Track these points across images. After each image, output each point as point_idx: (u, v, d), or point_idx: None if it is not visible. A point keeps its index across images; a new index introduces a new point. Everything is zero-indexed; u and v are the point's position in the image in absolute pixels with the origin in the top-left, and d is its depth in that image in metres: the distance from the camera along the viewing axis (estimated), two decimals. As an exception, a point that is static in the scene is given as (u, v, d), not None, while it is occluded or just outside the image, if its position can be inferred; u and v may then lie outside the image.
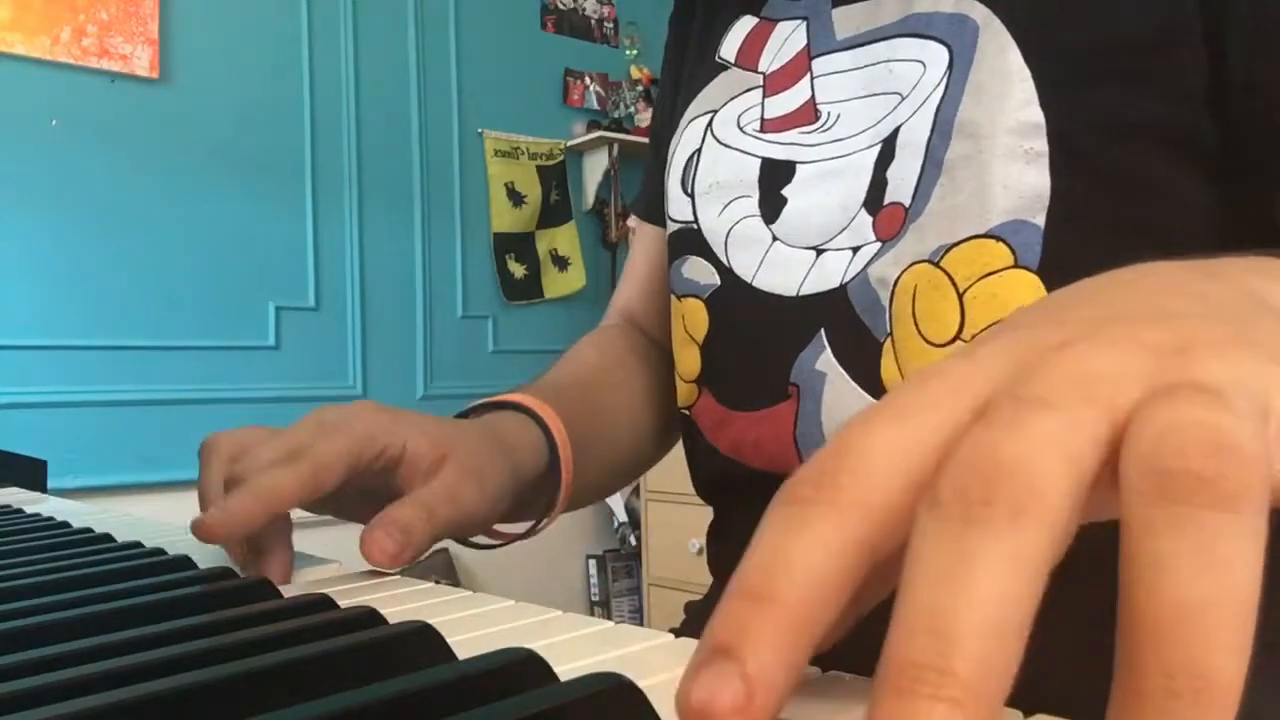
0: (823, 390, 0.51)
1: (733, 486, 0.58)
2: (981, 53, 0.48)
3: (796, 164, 0.55)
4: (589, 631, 0.29)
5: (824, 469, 0.18)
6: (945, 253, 0.47)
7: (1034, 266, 0.45)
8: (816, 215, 0.53)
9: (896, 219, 0.50)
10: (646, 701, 0.21)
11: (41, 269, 2.06)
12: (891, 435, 0.18)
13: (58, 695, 0.22)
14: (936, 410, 0.18)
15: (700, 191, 0.59)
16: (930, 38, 0.50)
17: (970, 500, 0.16)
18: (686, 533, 2.40)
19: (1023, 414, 0.17)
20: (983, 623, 0.15)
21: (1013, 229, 0.46)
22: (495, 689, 0.22)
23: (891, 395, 0.19)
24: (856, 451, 0.18)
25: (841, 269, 0.51)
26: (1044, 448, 0.16)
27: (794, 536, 0.17)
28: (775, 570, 0.17)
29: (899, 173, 0.50)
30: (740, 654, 0.16)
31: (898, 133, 0.50)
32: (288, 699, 0.21)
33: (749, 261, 0.56)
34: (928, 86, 0.49)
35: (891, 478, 0.18)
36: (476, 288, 2.71)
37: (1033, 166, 0.45)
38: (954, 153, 0.47)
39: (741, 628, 0.16)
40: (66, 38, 2.09)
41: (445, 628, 0.27)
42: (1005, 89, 0.46)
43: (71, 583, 0.36)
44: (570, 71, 2.94)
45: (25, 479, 0.85)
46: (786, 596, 0.17)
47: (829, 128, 0.54)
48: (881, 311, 0.49)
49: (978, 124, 0.47)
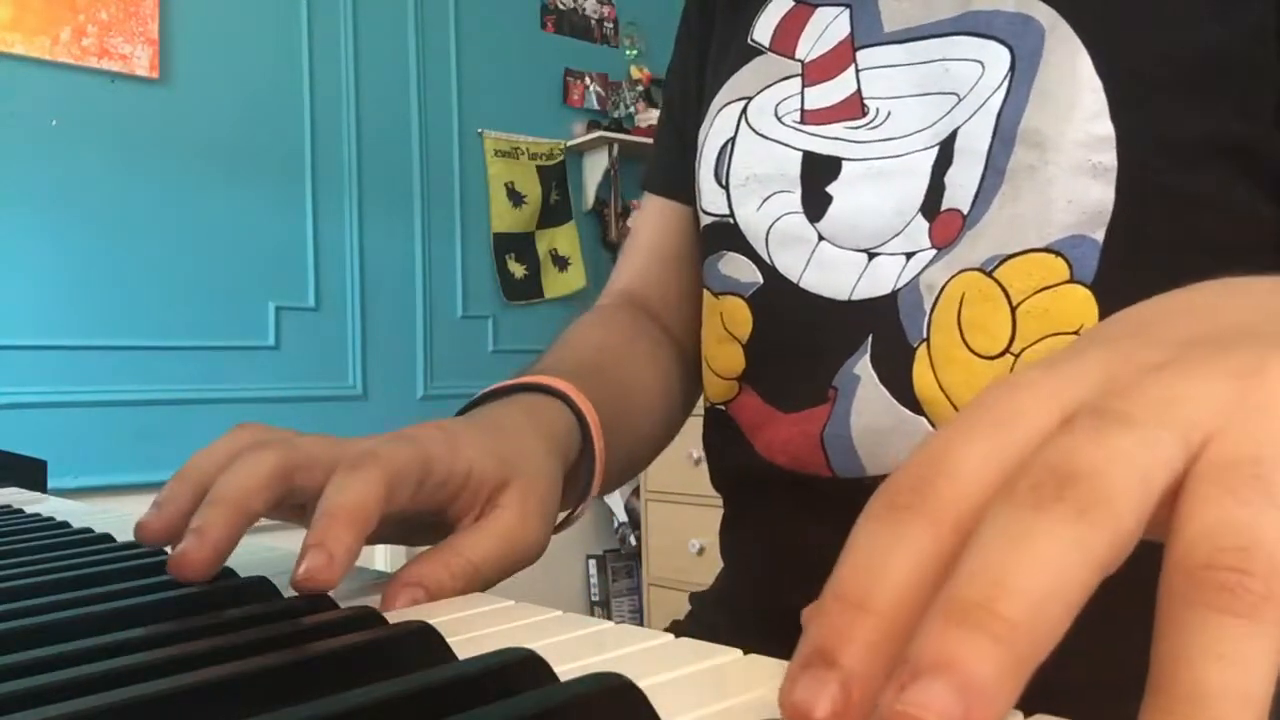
0: (855, 394, 0.50)
1: (753, 482, 0.57)
2: (1048, 58, 0.46)
3: (842, 160, 0.53)
4: (589, 631, 0.29)
5: (923, 475, 0.19)
6: (1000, 264, 0.46)
7: (1089, 281, 0.45)
8: (868, 217, 0.51)
9: (954, 226, 0.48)
10: (646, 701, 0.21)
11: (41, 269, 2.06)
12: (985, 448, 0.19)
13: (58, 695, 0.22)
14: (1029, 422, 0.19)
15: (736, 184, 0.57)
16: (990, 37, 0.48)
17: (1043, 494, 0.17)
18: (686, 533, 2.40)
19: (1105, 427, 0.18)
20: (1038, 586, 0.16)
21: (1072, 244, 0.45)
22: (495, 689, 0.22)
23: (984, 402, 0.20)
24: (953, 460, 0.19)
25: (895, 274, 0.50)
26: (1119, 461, 0.17)
27: (893, 544, 0.18)
28: (873, 578, 0.18)
29: (958, 179, 0.48)
30: (840, 660, 0.17)
31: (955, 136, 0.49)
32: (288, 699, 0.21)
33: (794, 261, 0.54)
34: (987, 89, 0.48)
35: (984, 490, 0.18)
36: (476, 288, 2.71)
37: (1099, 181, 0.44)
38: (1017, 161, 0.46)
39: (840, 633, 0.17)
40: (66, 38, 2.09)
41: (445, 628, 0.27)
42: (1074, 98, 0.45)
43: (71, 583, 0.36)
44: (570, 71, 2.94)
45: (25, 479, 0.85)
46: (884, 606, 0.17)
47: (878, 125, 0.52)
48: (921, 316, 0.48)
49: (1043, 133, 0.45)
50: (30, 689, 0.22)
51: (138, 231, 2.17)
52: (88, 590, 0.34)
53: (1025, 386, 0.20)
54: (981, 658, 0.15)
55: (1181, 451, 0.18)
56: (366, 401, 2.48)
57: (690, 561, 2.40)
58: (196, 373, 2.23)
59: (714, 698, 0.22)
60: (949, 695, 0.15)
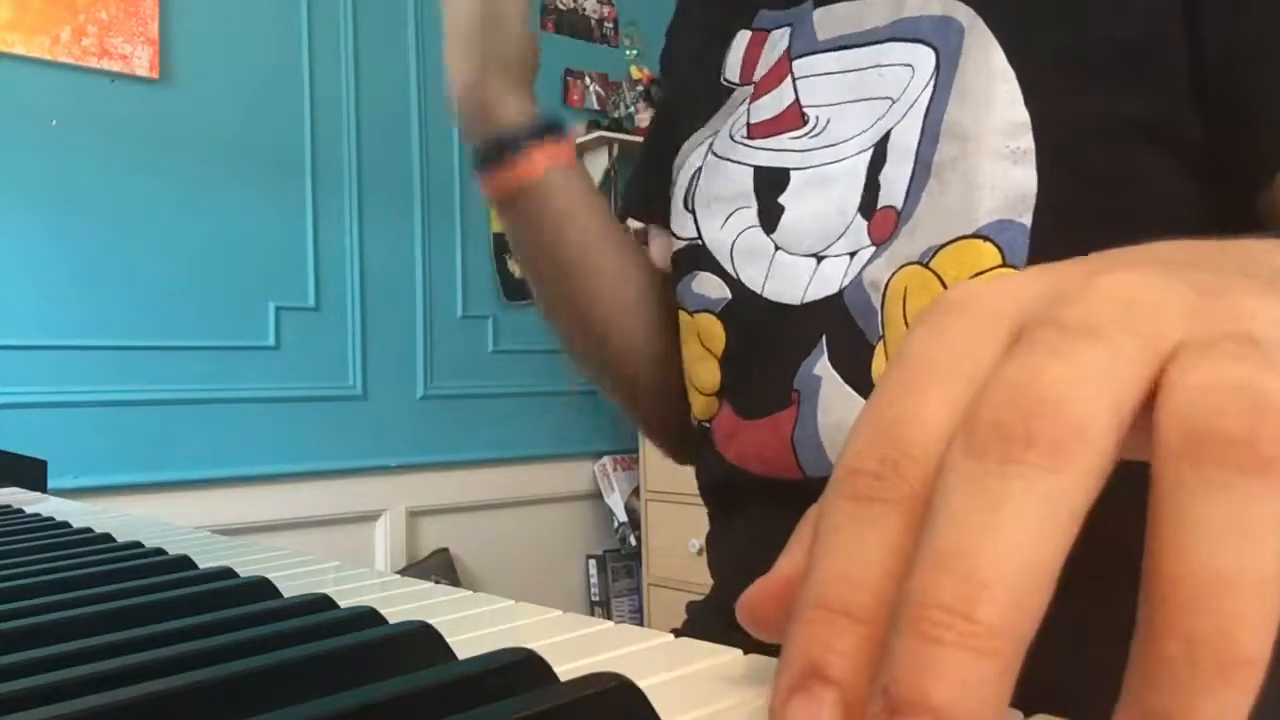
0: (819, 394, 0.51)
1: (734, 493, 0.58)
2: (967, 54, 0.48)
3: (790, 171, 0.55)
4: (589, 631, 0.29)
5: (882, 455, 0.17)
6: (934, 254, 0.47)
7: (1021, 265, 0.45)
8: (813, 222, 0.53)
9: (889, 222, 0.50)
10: (646, 701, 0.21)
11: (41, 269, 2.06)
12: (939, 398, 0.17)
13: (58, 695, 0.22)
14: (980, 353, 0.17)
15: (700, 205, 0.59)
16: (918, 41, 0.50)
17: (1010, 438, 0.15)
18: (686, 533, 2.40)
19: (1068, 341, 0.16)
20: (1013, 571, 0.14)
21: (999, 228, 0.46)
22: (495, 689, 0.22)
23: (923, 340, 0.18)
24: (909, 427, 0.17)
25: (840, 274, 0.51)
26: (1089, 380, 0.15)
27: (865, 540, 0.17)
28: (851, 581, 0.16)
29: (890, 176, 0.50)
30: (831, 673, 0.16)
31: (889, 136, 0.50)
32: (288, 699, 0.21)
33: (756, 273, 0.56)
34: (916, 89, 0.49)
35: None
36: (476, 288, 2.71)
37: (1019, 166, 0.46)
38: (942, 154, 0.47)
39: (828, 645, 0.16)
40: (66, 38, 2.09)
41: (445, 628, 0.27)
42: (990, 90, 0.46)
43: (71, 583, 0.36)
44: (570, 71, 2.94)
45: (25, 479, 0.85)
46: (869, 611, 0.16)
47: (819, 133, 0.54)
48: (874, 314, 0.49)
49: (964, 125, 0.47)
50: (30, 689, 0.22)
51: (138, 231, 2.17)
52: (88, 590, 0.34)
53: (961, 311, 0.18)
54: (965, 679, 0.14)
55: (1154, 359, 0.16)
56: (366, 401, 2.48)
57: (690, 561, 2.40)
58: (196, 373, 2.23)
59: (714, 698, 0.22)
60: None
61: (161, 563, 0.39)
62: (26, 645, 0.26)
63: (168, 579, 0.36)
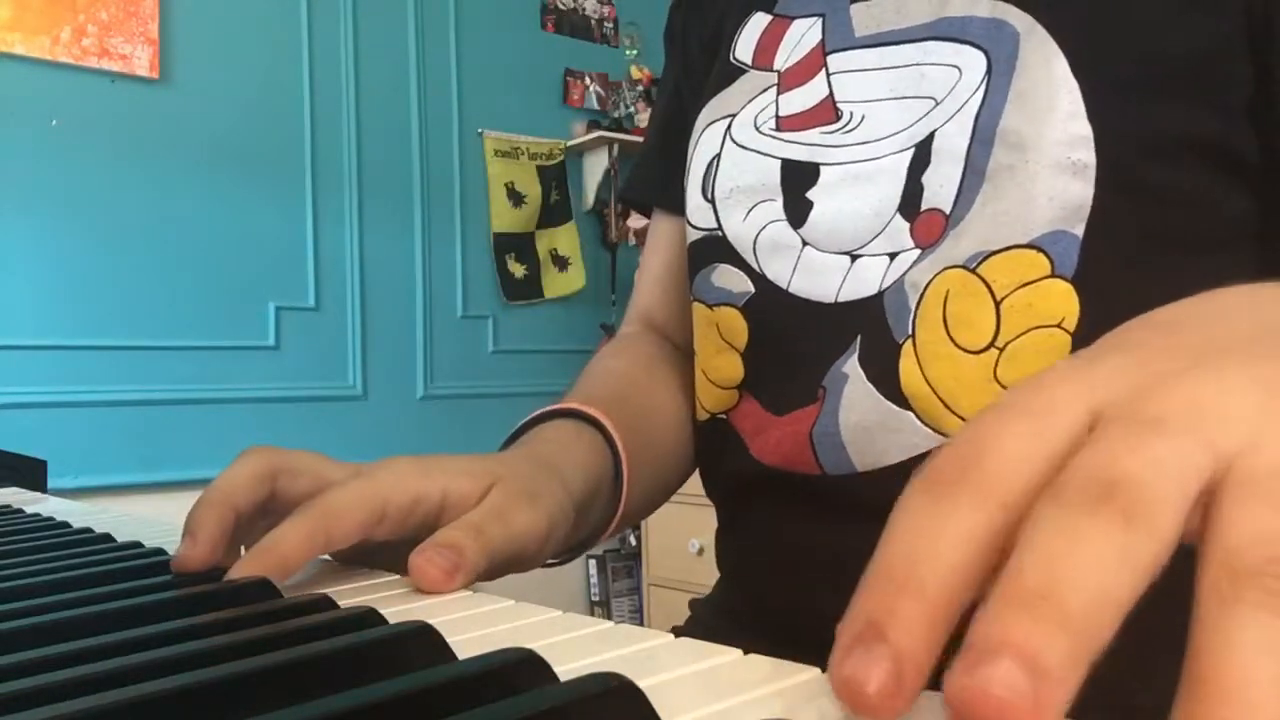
0: (843, 391, 0.51)
1: (745, 486, 0.58)
2: (1025, 61, 0.47)
3: (820, 166, 0.54)
4: (589, 631, 0.29)
5: (965, 454, 0.19)
6: (983, 260, 0.47)
7: (1069, 275, 0.45)
8: (848, 220, 0.52)
9: (936, 226, 0.49)
10: (646, 701, 0.21)
11: (41, 269, 2.06)
12: (1023, 431, 0.19)
13: (58, 695, 0.22)
14: (1062, 415, 0.20)
15: (721, 197, 0.58)
16: (966, 42, 0.49)
17: (1095, 498, 0.17)
18: (686, 533, 2.40)
19: (1144, 435, 0.18)
20: (1094, 584, 0.16)
21: (1052, 239, 0.46)
22: (495, 689, 0.22)
23: (1019, 393, 0.20)
24: (994, 441, 0.19)
25: (879, 275, 0.51)
26: (1158, 470, 0.18)
27: (940, 521, 0.18)
28: (921, 555, 0.18)
29: (936, 179, 0.49)
30: (890, 635, 0.17)
31: (933, 138, 0.49)
32: (288, 699, 0.21)
33: (782, 268, 0.55)
34: (965, 92, 0.49)
35: (1024, 475, 0.19)
36: (476, 288, 2.71)
37: (1078, 178, 0.45)
38: (996, 161, 0.47)
39: (890, 610, 0.18)
40: (66, 38, 2.09)
41: (445, 628, 0.27)
42: (1052, 99, 0.46)
43: (71, 583, 0.36)
44: (570, 71, 2.94)
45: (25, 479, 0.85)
46: (934, 585, 0.18)
47: (852, 129, 0.53)
48: (906, 314, 0.49)
49: (1022, 133, 0.46)
50: (30, 689, 0.22)
51: (138, 231, 2.17)
52: (88, 590, 0.34)
53: (1056, 382, 0.20)
54: (1048, 642, 0.16)
55: (1212, 461, 0.18)
56: (366, 401, 2.48)
57: (690, 561, 2.40)
58: (196, 373, 2.23)
59: (714, 698, 0.22)
60: (1018, 673, 0.15)
61: (162, 563, 0.39)
62: (27, 645, 0.26)
63: (168, 579, 0.36)
